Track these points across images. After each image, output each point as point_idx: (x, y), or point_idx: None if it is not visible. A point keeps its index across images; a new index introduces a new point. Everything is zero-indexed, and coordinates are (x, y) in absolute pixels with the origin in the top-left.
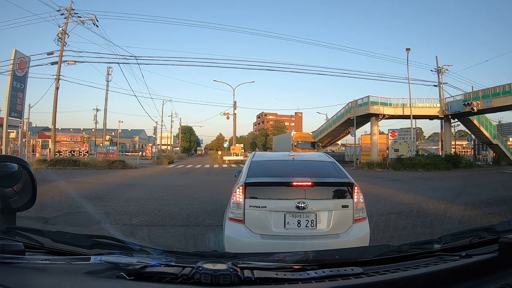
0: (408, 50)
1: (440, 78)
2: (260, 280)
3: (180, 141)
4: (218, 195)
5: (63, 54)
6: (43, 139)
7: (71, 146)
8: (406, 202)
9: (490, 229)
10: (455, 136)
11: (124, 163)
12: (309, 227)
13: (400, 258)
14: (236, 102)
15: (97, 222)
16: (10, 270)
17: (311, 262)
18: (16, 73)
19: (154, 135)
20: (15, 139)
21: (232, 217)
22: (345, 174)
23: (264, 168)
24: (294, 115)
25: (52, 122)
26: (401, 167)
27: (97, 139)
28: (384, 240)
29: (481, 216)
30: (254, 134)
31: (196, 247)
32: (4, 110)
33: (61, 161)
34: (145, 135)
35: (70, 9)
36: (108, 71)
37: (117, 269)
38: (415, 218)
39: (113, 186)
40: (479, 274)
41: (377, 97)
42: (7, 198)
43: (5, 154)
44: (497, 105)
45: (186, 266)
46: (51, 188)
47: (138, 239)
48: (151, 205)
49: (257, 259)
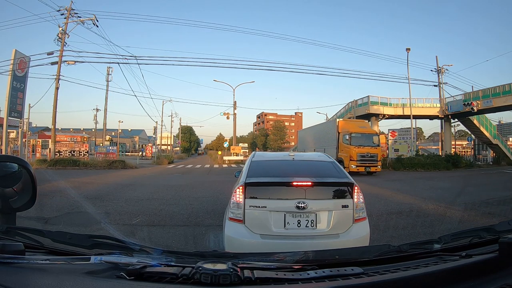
0: (408, 50)
1: (440, 78)
2: (260, 280)
3: (180, 141)
4: (218, 195)
5: (63, 54)
6: (43, 139)
7: (71, 146)
8: (406, 202)
9: (490, 229)
10: (455, 136)
11: (124, 163)
12: (309, 227)
13: (400, 258)
14: (236, 102)
15: (97, 222)
16: (10, 270)
17: (311, 262)
18: (16, 73)
19: (154, 135)
20: (15, 139)
21: (232, 217)
22: (345, 174)
23: (264, 168)
24: (294, 115)
25: (52, 122)
26: (401, 167)
27: (97, 139)
28: (384, 240)
29: (481, 216)
30: (254, 134)
31: (196, 247)
32: (4, 110)
33: (61, 161)
34: (145, 135)
35: (70, 9)
36: (108, 71)
37: (117, 269)
38: (415, 218)
39: (113, 186)
40: (479, 274)
41: (377, 97)
42: (7, 198)
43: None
44: (497, 105)
45: (186, 266)
46: (51, 188)
47: (138, 239)
48: (151, 205)
49: (257, 259)
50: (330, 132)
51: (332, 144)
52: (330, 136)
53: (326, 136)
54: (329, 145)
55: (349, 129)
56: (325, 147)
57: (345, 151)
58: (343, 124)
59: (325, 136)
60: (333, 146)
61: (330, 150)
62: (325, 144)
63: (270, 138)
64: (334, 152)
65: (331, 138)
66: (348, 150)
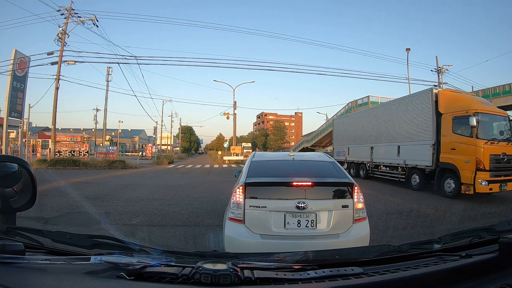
0: (408, 50)
1: (440, 78)
2: (260, 280)
3: (180, 141)
4: (218, 195)
5: (63, 54)
6: (43, 139)
7: (71, 146)
8: (406, 202)
9: (490, 229)
10: None
11: (124, 163)
12: (309, 227)
13: (400, 258)
14: (236, 102)
15: (97, 222)
16: (10, 270)
17: (311, 262)
18: (16, 73)
19: (154, 135)
20: (15, 139)
21: (232, 217)
22: (345, 174)
23: (264, 168)
24: (294, 115)
25: (52, 122)
26: None
27: (97, 139)
28: (384, 240)
29: (481, 216)
30: (254, 134)
31: (196, 247)
32: (4, 110)
33: (61, 161)
34: (145, 135)
35: (70, 9)
36: (108, 71)
37: (117, 269)
38: (415, 218)
39: (113, 186)
40: (479, 274)
41: (377, 97)
42: (7, 198)
43: (5, 154)
44: (497, 105)
45: (186, 266)
46: (51, 188)
47: (138, 239)
48: (151, 205)
49: (257, 259)
50: (414, 113)
51: (419, 136)
52: (417, 122)
53: (404, 122)
54: (412, 138)
55: (469, 106)
56: (401, 142)
57: (462, 151)
58: (451, 98)
59: (403, 122)
60: (423, 141)
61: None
62: (401, 137)
63: (270, 138)
64: (426, 152)
65: (419, 125)
66: (470, 150)
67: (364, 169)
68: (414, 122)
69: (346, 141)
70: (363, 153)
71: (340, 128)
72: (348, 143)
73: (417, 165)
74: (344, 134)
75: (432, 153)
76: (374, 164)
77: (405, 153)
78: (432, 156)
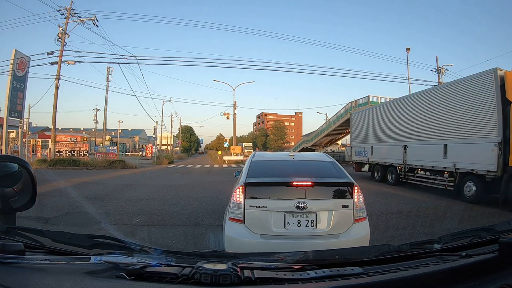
0: (408, 50)
1: (440, 78)
2: (260, 280)
3: (180, 141)
4: (218, 195)
5: (63, 54)
6: (43, 139)
7: (71, 146)
8: (406, 202)
9: (490, 229)
10: None
11: (124, 163)
12: (309, 227)
13: (400, 258)
14: (236, 102)
15: (97, 222)
16: (10, 270)
17: (311, 262)
18: (16, 73)
19: (154, 135)
20: (15, 139)
21: (232, 217)
22: (345, 174)
23: (264, 168)
24: (294, 115)
25: (52, 122)
26: None
27: (97, 139)
28: (384, 240)
29: (481, 216)
30: (254, 134)
31: (196, 247)
32: (4, 110)
33: (61, 161)
34: (145, 135)
35: (70, 9)
36: (108, 71)
37: (117, 269)
38: (415, 218)
39: (113, 186)
40: (479, 274)
41: (377, 97)
42: (7, 198)
43: (5, 154)
44: None
45: (186, 266)
46: (51, 188)
47: (138, 239)
48: (151, 205)
49: (257, 259)
50: (470, 102)
51: (477, 132)
52: (473, 113)
53: (455, 113)
54: (466, 135)
55: None
56: (449, 140)
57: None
58: None
59: (453, 113)
60: (483, 139)
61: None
62: (449, 133)
63: (270, 138)
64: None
65: (477, 117)
66: None
67: (394, 173)
68: (470, 113)
69: (368, 139)
70: (392, 153)
71: (360, 123)
72: (371, 140)
73: (474, 169)
74: (365, 130)
75: (497, 154)
76: (408, 167)
77: (455, 153)
78: (498, 158)
